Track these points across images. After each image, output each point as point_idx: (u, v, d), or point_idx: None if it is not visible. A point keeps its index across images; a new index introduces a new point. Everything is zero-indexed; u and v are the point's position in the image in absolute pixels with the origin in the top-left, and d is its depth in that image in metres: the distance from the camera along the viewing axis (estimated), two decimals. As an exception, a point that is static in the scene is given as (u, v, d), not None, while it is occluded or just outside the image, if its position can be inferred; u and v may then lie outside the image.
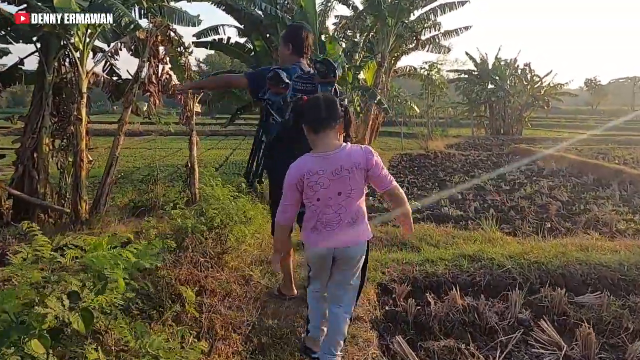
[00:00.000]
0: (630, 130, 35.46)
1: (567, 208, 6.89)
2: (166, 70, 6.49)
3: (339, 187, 1.91)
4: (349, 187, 1.91)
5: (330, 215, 1.94)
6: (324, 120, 1.92)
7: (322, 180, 1.90)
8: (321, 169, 1.90)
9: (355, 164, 1.90)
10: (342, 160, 1.91)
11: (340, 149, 1.92)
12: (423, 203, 7.06)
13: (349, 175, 1.90)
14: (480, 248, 3.25)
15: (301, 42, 2.72)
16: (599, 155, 13.36)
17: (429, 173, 10.91)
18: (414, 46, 11.83)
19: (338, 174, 1.90)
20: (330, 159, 1.90)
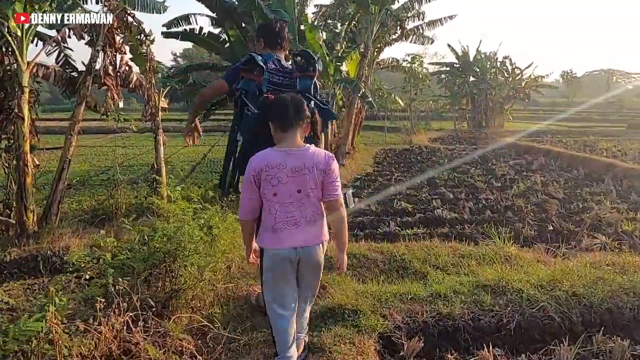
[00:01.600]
0: (605, 121, 35.99)
1: (565, 206, 6.47)
2: (125, 61, 5.75)
3: (298, 185, 1.90)
4: (308, 186, 1.90)
5: (290, 213, 1.91)
6: (292, 119, 1.92)
7: (280, 175, 1.88)
8: (281, 164, 1.89)
9: (316, 163, 1.91)
10: (304, 158, 1.91)
11: (304, 148, 1.93)
12: (415, 206, 6.52)
13: (309, 174, 1.90)
14: (500, 274, 2.67)
15: (274, 34, 2.64)
16: (586, 148, 13.13)
17: (416, 170, 10.42)
18: (399, 36, 11.29)
19: (298, 171, 1.89)
20: (293, 155, 1.91)
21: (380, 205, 6.67)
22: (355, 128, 11.82)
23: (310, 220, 1.92)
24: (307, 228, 1.91)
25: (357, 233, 5.24)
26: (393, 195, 7.37)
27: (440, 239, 4.92)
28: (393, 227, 5.29)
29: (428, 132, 22.21)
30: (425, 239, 4.99)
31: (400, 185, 8.24)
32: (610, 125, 30.37)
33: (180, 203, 3.29)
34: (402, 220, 5.74)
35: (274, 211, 1.91)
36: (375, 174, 9.89)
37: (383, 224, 5.57)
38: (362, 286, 2.61)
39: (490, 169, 10.39)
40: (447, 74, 28.59)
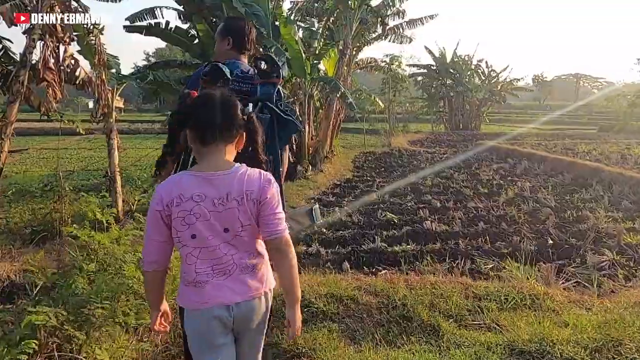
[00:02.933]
0: (576, 124, 36.74)
1: (559, 216, 6.04)
2: (70, 53, 4.97)
3: (225, 222, 1.42)
4: (239, 224, 1.42)
5: (216, 260, 1.43)
6: (218, 127, 1.42)
7: (198, 210, 1.39)
8: (199, 195, 1.40)
9: (247, 192, 1.42)
10: (231, 185, 1.42)
11: (232, 170, 1.43)
12: (401, 217, 5.96)
13: (239, 207, 1.42)
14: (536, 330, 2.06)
15: (243, 35, 2.29)
16: (567, 151, 12.95)
17: (398, 174, 9.91)
18: (379, 34, 10.78)
19: (223, 204, 1.41)
20: (215, 181, 1.41)
21: (363, 215, 6.09)
22: (334, 130, 11.23)
23: (245, 267, 1.46)
24: (242, 277, 1.46)
25: (339, 250, 4.63)
26: (376, 204, 6.81)
27: (432, 258, 4.40)
28: (379, 243, 4.70)
29: (406, 134, 21.88)
30: (417, 258, 4.45)
31: (383, 193, 7.69)
32: (581, 128, 30.95)
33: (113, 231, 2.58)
34: (388, 234, 5.17)
35: (193, 259, 1.42)
36: (356, 179, 9.32)
37: (367, 238, 4.98)
38: (357, 353, 1.97)
39: (474, 173, 9.98)
40: (424, 76, 28.48)
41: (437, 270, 3.78)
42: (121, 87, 5.73)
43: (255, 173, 1.46)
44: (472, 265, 4.21)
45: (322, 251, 4.52)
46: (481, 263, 4.21)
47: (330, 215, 6.04)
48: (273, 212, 1.43)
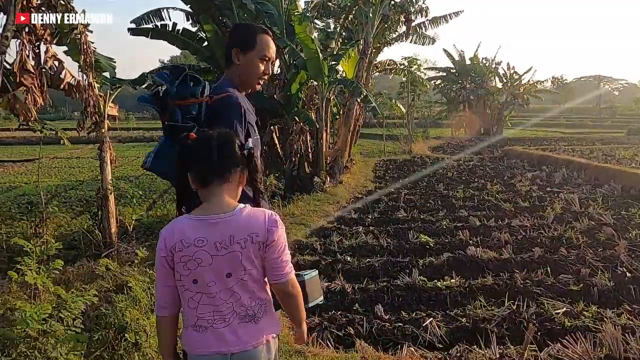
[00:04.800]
0: (599, 127, 35.18)
1: (623, 236, 5.11)
2: (52, 54, 4.30)
3: (227, 267, 1.36)
4: (242, 268, 1.37)
5: (218, 306, 1.38)
6: (217, 166, 1.40)
7: (200, 255, 1.35)
8: (201, 239, 1.35)
9: (251, 235, 1.37)
10: (234, 228, 1.37)
11: (235, 212, 1.38)
12: (437, 239, 5.10)
13: (242, 250, 1.36)
14: None
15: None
16: (608, 158, 11.89)
17: (424, 186, 9.05)
18: (404, 31, 9.96)
19: (226, 247, 1.35)
20: (217, 225, 1.36)
21: (392, 237, 5.26)
22: (353, 138, 10.44)
23: (246, 315, 1.40)
24: (241, 327, 1.40)
25: (368, 285, 3.80)
26: (405, 222, 5.96)
27: (486, 297, 3.55)
28: (416, 277, 3.86)
29: (426, 140, 20.93)
30: (465, 296, 3.61)
31: (411, 208, 6.84)
32: (606, 131, 29.51)
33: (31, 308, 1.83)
34: (425, 262, 4.32)
35: (194, 304, 1.39)
36: (378, 191, 8.48)
37: (401, 269, 4.15)
38: None
39: (508, 183, 9.05)
40: (443, 79, 27.51)
41: (502, 335, 2.93)
42: (115, 93, 5.03)
43: (259, 214, 1.41)
44: (538, 308, 3.35)
45: (348, 287, 3.71)
46: (549, 307, 3.34)
47: (353, 238, 5.22)
48: (279, 256, 1.40)
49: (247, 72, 1.88)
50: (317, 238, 5.32)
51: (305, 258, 4.53)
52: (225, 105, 1.80)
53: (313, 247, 4.95)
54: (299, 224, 5.78)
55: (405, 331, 3.03)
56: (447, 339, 2.98)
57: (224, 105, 1.80)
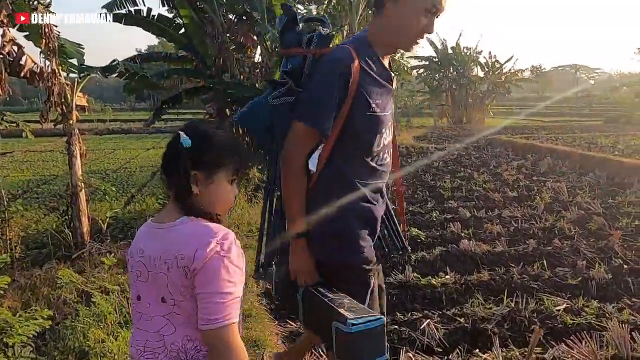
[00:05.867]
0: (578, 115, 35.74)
1: (613, 226, 5.04)
2: (10, 38, 3.91)
3: (159, 290, 1.10)
4: (170, 296, 1.08)
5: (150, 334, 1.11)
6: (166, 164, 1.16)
7: (139, 267, 1.13)
8: (141, 248, 1.14)
9: (177, 256, 1.06)
10: (167, 243, 1.10)
11: (175, 223, 1.12)
12: (428, 232, 4.94)
13: (168, 273, 1.07)
14: None
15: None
16: (591, 146, 11.97)
17: (411, 176, 8.90)
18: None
19: (156, 265, 1.09)
20: (157, 236, 1.13)
21: (381, 231, 5.06)
22: (337, 128, 10.18)
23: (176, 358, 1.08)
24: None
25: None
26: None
27: (483, 294, 3.38)
28: (410, 274, 3.68)
29: (410, 129, 20.83)
30: (461, 294, 3.44)
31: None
32: (585, 120, 29.97)
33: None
34: (418, 257, 4.14)
35: (135, 326, 1.17)
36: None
37: (393, 266, 3.96)
38: None
39: (495, 173, 8.98)
40: (426, 68, 27.42)
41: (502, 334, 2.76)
42: (83, 82, 4.66)
43: (197, 229, 1.10)
44: (538, 305, 3.20)
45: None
46: (549, 303, 3.19)
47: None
48: (210, 292, 1.04)
49: (399, 26, 1.53)
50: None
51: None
52: (322, 63, 1.56)
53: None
54: (284, 218, 5.54)
55: (402, 335, 2.84)
56: (446, 341, 2.81)
57: (321, 62, 1.56)
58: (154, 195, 6.85)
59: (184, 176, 1.10)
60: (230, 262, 1.06)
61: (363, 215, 1.65)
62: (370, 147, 1.61)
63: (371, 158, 1.63)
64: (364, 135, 1.59)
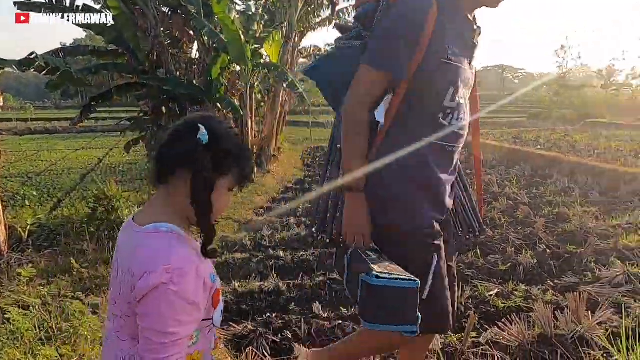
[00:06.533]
0: (504, 112, 38.35)
1: (537, 214, 5.46)
2: None
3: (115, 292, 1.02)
4: (121, 300, 1.00)
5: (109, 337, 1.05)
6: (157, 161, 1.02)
7: (115, 265, 1.05)
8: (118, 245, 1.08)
9: (129, 271, 0.96)
10: (129, 249, 1.01)
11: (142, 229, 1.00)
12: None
13: (122, 281, 0.99)
14: None
15: None
16: (516, 140, 12.86)
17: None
18: (329, 15, 9.79)
19: (117, 270, 1.03)
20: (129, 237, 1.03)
21: (324, 227, 5.09)
22: (279, 125, 10.12)
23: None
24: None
25: (304, 281, 3.58)
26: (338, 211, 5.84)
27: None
28: (353, 268, 3.72)
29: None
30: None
31: (342, 195, 6.75)
32: (511, 116, 32.20)
33: None
34: (361, 252, 4.20)
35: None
36: (308, 180, 8.30)
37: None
38: None
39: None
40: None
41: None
42: (-5, 75, 4.22)
43: (157, 248, 0.95)
44: (473, 291, 3.37)
45: (283, 286, 3.46)
46: (483, 289, 3.38)
47: (286, 230, 4.97)
48: (148, 328, 0.92)
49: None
50: (246, 233, 5.00)
51: (235, 256, 4.20)
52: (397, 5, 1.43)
53: (242, 243, 4.62)
54: (226, 218, 5.39)
55: (345, 329, 2.86)
56: (389, 332, 2.87)
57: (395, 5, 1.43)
58: (85, 200, 6.40)
59: (202, 175, 0.97)
60: (178, 297, 0.92)
61: (426, 182, 1.51)
62: (442, 100, 1.45)
63: (443, 115, 1.47)
64: (435, 85, 1.44)
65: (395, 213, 1.50)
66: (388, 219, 1.50)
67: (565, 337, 2.62)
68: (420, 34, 1.39)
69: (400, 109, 1.48)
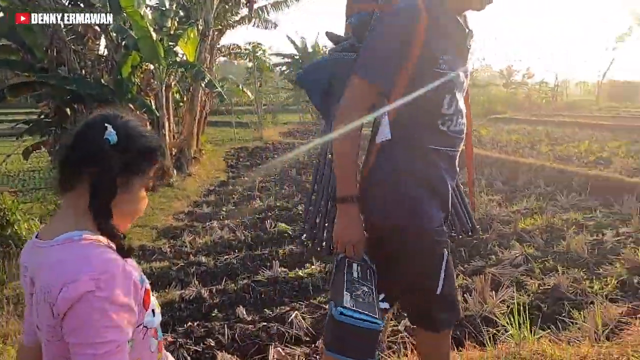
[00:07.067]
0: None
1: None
2: None
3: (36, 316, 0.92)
4: (41, 324, 0.90)
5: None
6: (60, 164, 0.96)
7: (27, 289, 0.96)
8: (27, 267, 0.96)
9: (44, 289, 0.87)
10: (39, 267, 0.92)
11: (53, 241, 0.92)
12: (294, 226, 5.05)
13: (38, 303, 0.89)
14: None
15: None
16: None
17: (277, 172, 9.02)
18: (248, 13, 9.57)
19: (31, 292, 0.94)
20: (37, 255, 0.93)
21: (249, 229, 5.03)
22: (200, 126, 9.77)
23: None
24: None
25: (227, 286, 3.50)
26: (262, 212, 5.79)
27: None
28: (278, 269, 3.72)
29: (276, 126, 21.15)
30: (327, 282, 3.60)
31: (267, 196, 6.70)
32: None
33: None
34: (285, 252, 4.21)
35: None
36: (232, 181, 8.12)
37: (261, 262, 3.95)
38: None
39: (354, 164, 9.65)
40: (288, 65, 28.07)
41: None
42: None
43: (72, 258, 0.88)
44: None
45: (205, 292, 3.35)
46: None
47: (208, 234, 4.82)
48: (80, 343, 0.84)
49: None
50: (165, 240, 4.77)
51: (153, 265, 3.98)
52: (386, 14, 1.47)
53: (161, 250, 4.40)
54: (142, 226, 5.10)
55: (270, 331, 2.84)
56: (314, 330, 2.90)
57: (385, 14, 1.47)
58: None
59: (107, 177, 0.91)
60: (109, 302, 0.86)
61: (431, 183, 1.52)
62: (440, 108, 1.48)
63: (442, 122, 1.49)
64: (431, 94, 1.45)
65: (410, 214, 1.50)
66: (401, 220, 1.50)
67: (474, 317, 2.84)
68: (410, 46, 1.42)
69: (400, 116, 1.49)
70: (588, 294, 3.10)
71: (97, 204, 0.92)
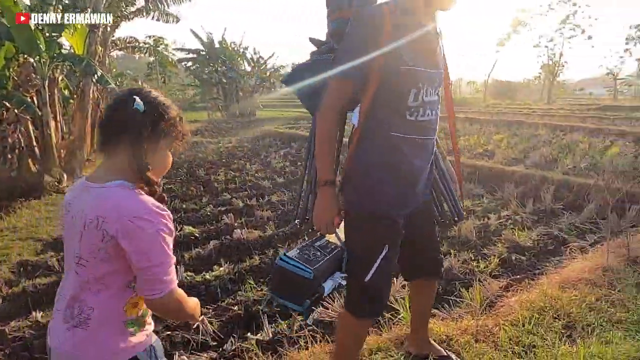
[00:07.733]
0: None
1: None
2: None
3: (74, 244, 1.15)
4: (78, 252, 1.14)
5: (63, 288, 1.21)
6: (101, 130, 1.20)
7: (67, 221, 1.18)
8: (70, 203, 1.19)
9: (101, 217, 1.09)
10: (92, 202, 1.12)
11: (108, 185, 1.13)
12: (203, 227, 4.85)
13: (83, 231, 1.11)
14: None
15: None
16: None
17: (185, 171, 8.62)
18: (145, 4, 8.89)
19: (75, 224, 1.14)
20: (88, 193, 1.14)
21: (152, 234, 4.71)
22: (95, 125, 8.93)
23: (68, 317, 1.14)
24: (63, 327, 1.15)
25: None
26: (167, 215, 5.48)
27: (255, 279, 3.56)
28: (183, 273, 3.55)
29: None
30: (236, 282, 3.53)
31: (172, 198, 6.37)
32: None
33: None
34: (192, 255, 4.04)
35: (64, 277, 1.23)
36: (133, 184, 7.56)
37: (165, 269, 3.74)
38: None
39: (265, 161, 9.61)
40: (194, 61, 26.96)
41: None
42: None
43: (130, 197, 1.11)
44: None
45: (100, 306, 3.07)
46: (310, 273, 3.60)
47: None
48: (148, 266, 1.09)
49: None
50: (54, 252, 4.28)
51: (38, 282, 3.55)
52: (355, 17, 1.64)
53: (48, 265, 3.94)
54: (25, 239, 4.53)
55: (174, 339, 2.71)
56: (221, 332, 2.82)
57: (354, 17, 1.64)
58: None
59: (140, 139, 1.12)
60: (169, 234, 1.12)
61: (398, 167, 1.66)
62: (406, 100, 1.62)
63: (409, 113, 1.64)
64: (397, 88, 1.61)
65: (361, 198, 1.68)
66: (355, 204, 1.70)
67: (377, 304, 2.98)
68: (377, 46, 1.56)
69: (371, 108, 1.65)
70: (475, 273, 3.44)
71: (137, 161, 1.12)
